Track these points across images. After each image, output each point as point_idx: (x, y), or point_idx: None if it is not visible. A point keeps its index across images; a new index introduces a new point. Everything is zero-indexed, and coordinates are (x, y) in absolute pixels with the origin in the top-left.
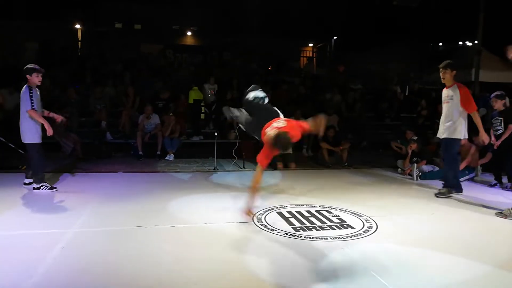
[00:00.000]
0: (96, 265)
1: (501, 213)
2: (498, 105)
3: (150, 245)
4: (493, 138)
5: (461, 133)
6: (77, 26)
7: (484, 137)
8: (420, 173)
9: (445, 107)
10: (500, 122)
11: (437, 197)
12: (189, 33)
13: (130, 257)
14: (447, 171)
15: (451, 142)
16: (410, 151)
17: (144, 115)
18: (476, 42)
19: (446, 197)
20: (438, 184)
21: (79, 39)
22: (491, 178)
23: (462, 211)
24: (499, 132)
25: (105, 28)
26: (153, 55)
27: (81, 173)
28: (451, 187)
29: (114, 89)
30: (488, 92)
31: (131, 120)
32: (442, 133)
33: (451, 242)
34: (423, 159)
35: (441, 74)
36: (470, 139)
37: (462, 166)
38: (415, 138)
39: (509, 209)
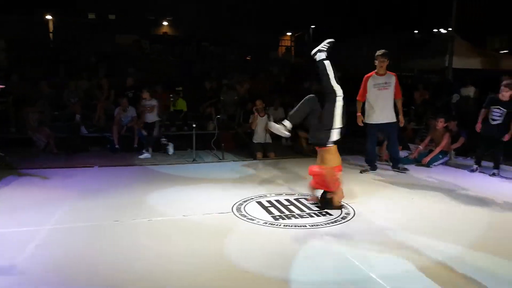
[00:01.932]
0: (72, 263)
1: None
2: (507, 95)
3: (128, 239)
4: (478, 125)
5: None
6: (48, 17)
7: (402, 121)
8: None
9: (381, 93)
10: (502, 114)
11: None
12: (165, 23)
13: (107, 252)
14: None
15: (395, 125)
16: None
17: (120, 108)
18: (450, 29)
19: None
20: (414, 168)
21: (51, 31)
22: (464, 161)
23: (438, 194)
24: (496, 122)
25: (78, 19)
26: (128, 46)
27: (56, 169)
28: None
29: (89, 81)
30: (457, 78)
31: (107, 113)
32: (384, 118)
33: (426, 225)
34: (398, 145)
35: (382, 63)
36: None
37: (437, 151)
38: None
39: None
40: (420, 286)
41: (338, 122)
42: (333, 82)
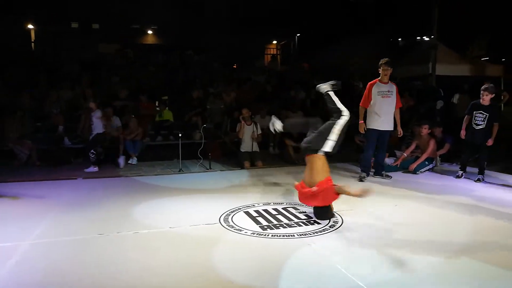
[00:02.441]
0: (54, 277)
1: None
2: (487, 99)
3: (113, 253)
4: (462, 131)
5: None
6: (30, 26)
7: (400, 132)
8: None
9: (384, 101)
10: (484, 118)
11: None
12: (150, 32)
13: (91, 266)
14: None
15: (390, 133)
16: None
17: (105, 118)
18: (432, 37)
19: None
20: (401, 175)
21: (32, 40)
22: (449, 167)
23: (424, 201)
24: (480, 127)
25: (60, 28)
26: (112, 55)
27: (38, 181)
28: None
29: (72, 91)
30: (440, 85)
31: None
32: (386, 125)
33: (414, 233)
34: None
35: (387, 71)
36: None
37: (423, 157)
38: None
39: None
40: None
41: (335, 134)
42: (340, 105)
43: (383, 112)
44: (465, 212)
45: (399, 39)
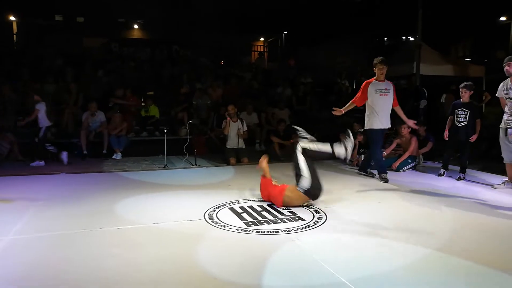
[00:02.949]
0: (35, 273)
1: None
2: (466, 96)
3: (95, 248)
4: (446, 132)
5: None
6: (12, 18)
7: (411, 123)
8: None
9: (382, 99)
10: (466, 115)
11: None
12: (136, 26)
13: (73, 262)
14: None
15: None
16: (357, 143)
17: (89, 112)
18: (417, 37)
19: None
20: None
21: (14, 32)
22: (432, 165)
23: (406, 198)
24: (462, 124)
25: (44, 21)
26: (97, 49)
27: (20, 176)
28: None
29: (55, 85)
30: (424, 85)
31: (74, 118)
32: (385, 124)
33: (396, 229)
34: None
35: (382, 70)
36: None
37: (405, 156)
38: (362, 130)
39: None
40: None
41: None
42: (303, 168)
43: (381, 110)
44: (446, 209)
45: (385, 38)
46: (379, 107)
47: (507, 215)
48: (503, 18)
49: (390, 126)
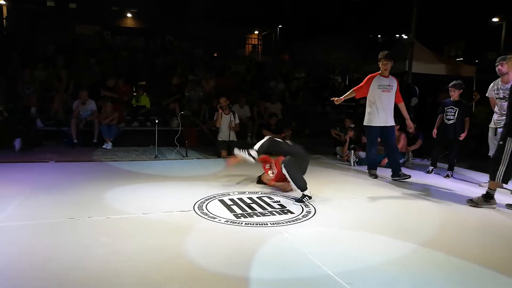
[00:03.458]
0: (20, 261)
1: (472, 201)
2: (456, 95)
3: (83, 237)
4: (434, 130)
5: None
6: (1, 1)
7: (411, 125)
8: (357, 159)
9: (384, 95)
10: (455, 113)
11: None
12: (129, 15)
13: (60, 250)
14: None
15: (394, 129)
16: (348, 139)
17: (79, 101)
18: (410, 35)
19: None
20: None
21: (4, 17)
22: (421, 162)
23: (395, 194)
24: (451, 122)
25: (35, 6)
26: (89, 37)
27: (8, 163)
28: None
29: (46, 72)
30: (415, 83)
31: (65, 105)
32: (387, 121)
33: (383, 224)
34: (360, 146)
35: (387, 65)
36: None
37: None
38: (353, 126)
39: (479, 197)
40: (375, 282)
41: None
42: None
43: (382, 106)
44: (433, 206)
45: (379, 35)
46: (380, 103)
47: (491, 213)
48: (495, 19)
49: (393, 124)
